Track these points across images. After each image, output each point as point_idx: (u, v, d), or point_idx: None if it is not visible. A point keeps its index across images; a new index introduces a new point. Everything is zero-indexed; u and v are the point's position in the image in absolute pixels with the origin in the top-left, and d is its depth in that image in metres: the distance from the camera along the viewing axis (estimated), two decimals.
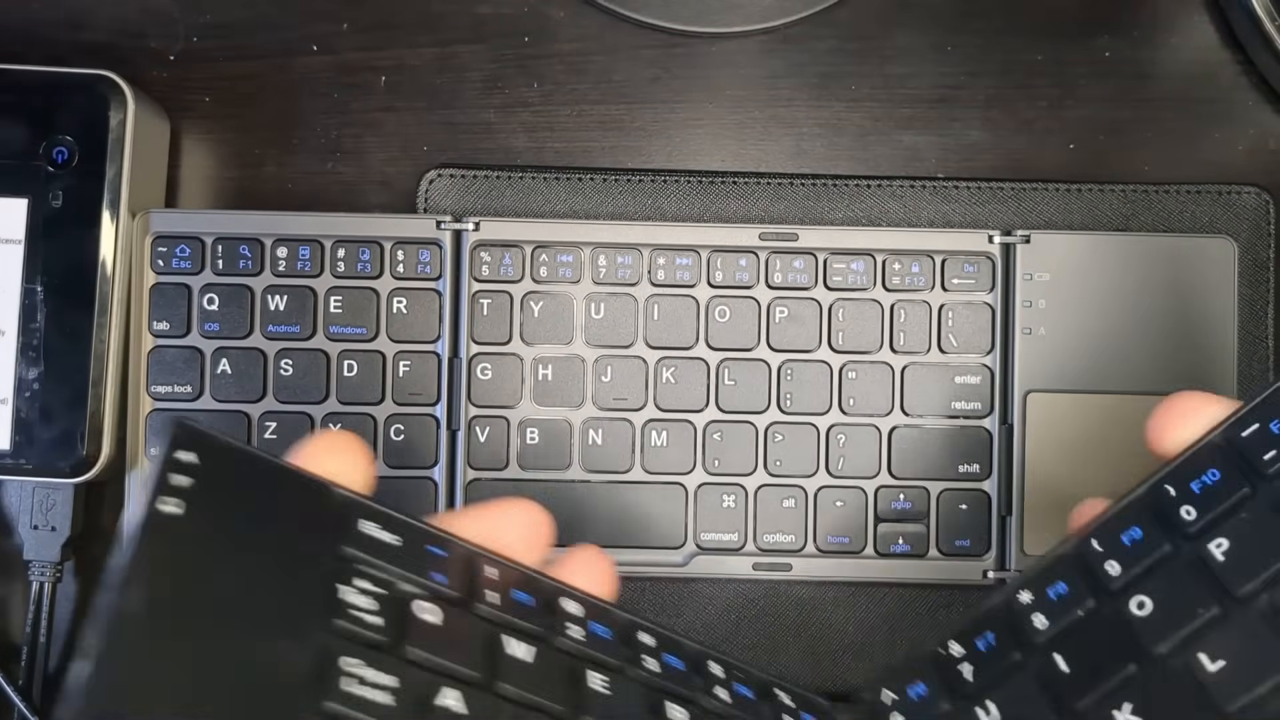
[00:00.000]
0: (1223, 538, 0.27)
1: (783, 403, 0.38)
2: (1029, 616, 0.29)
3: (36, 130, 0.37)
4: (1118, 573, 0.28)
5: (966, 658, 0.29)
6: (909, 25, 0.41)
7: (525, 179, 0.40)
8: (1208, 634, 0.27)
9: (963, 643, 0.29)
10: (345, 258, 0.38)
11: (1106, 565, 0.29)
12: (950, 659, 0.29)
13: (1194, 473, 0.29)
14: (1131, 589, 0.28)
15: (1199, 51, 0.41)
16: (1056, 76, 0.41)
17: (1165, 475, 0.29)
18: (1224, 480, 0.28)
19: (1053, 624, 0.28)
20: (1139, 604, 0.28)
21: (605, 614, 0.28)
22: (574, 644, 0.27)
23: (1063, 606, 0.29)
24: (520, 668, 0.26)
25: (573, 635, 0.27)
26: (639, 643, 0.28)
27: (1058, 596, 0.29)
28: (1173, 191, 0.40)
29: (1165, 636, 0.27)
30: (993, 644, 0.29)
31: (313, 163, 0.41)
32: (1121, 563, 0.28)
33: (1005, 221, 0.40)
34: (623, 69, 0.41)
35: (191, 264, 0.37)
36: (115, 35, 0.41)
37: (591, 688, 0.26)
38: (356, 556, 0.24)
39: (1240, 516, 0.28)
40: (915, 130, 0.41)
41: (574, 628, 0.27)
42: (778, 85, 0.41)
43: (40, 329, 0.36)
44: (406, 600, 0.24)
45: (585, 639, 0.27)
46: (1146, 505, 0.29)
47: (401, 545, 0.25)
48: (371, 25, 0.41)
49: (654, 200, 0.40)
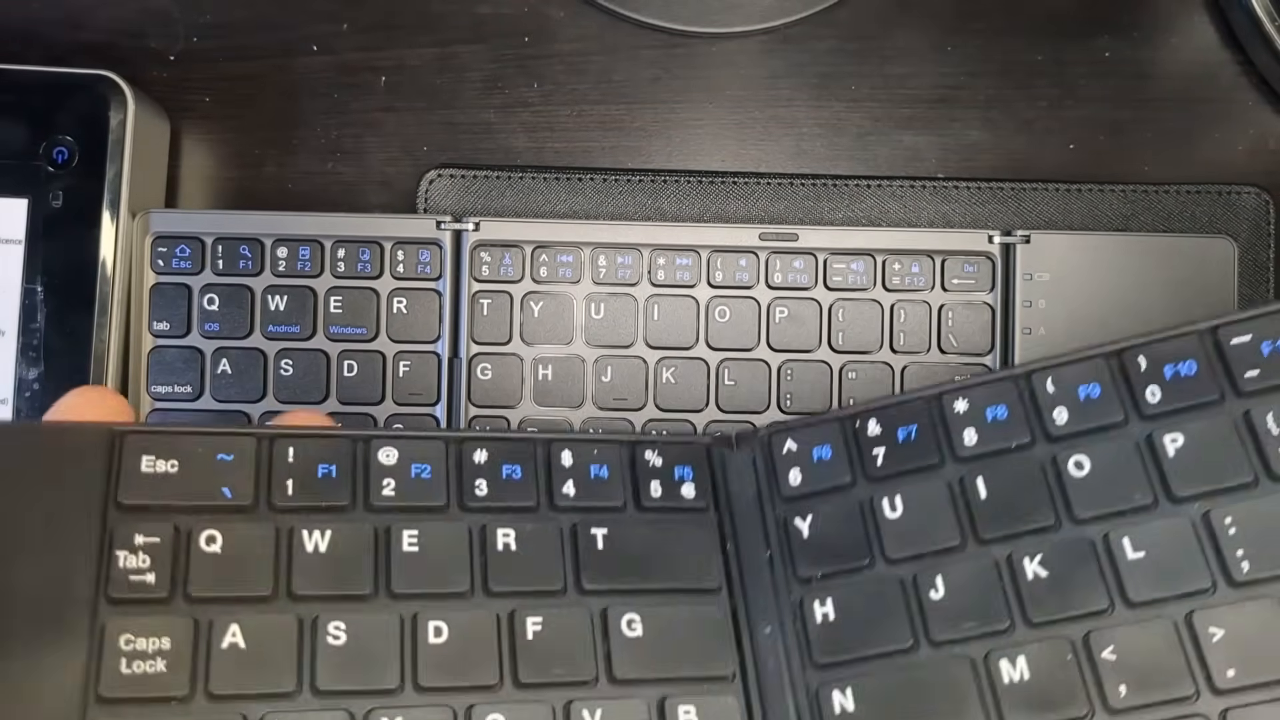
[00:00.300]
0: (1180, 434, 0.27)
1: (783, 403, 0.38)
2: (960, 428, 0.28)
3: (37, 130, 0.37)
4: (1064, 422, 0.28)
5: (881, 441, 0.28)
6: (909, 25, 0.41)
7: (525, 179, 0.40)
8: (1138, 522, 0.26)
9: (882, 424, 0.29)
10: (345, 258, 0.38)
11: (1055, 410, 0.28)
12: (865, 436, 0.29)
13: (1172, 356, 0.28)
14: (1073, 445, 0.27)
15: (1199, 51, 0.41)
16: (1056, 77, 0.41)
17: (1142, 345, 0.28)
18: (1198, 378, 0.27)
19: (981, 444, 0.28)
20: (1077, 463, 0.27)
21: (422, 446, 0.27)
22: (387, 501, 0.27)
23: (997, 431, 0.28)
24: (316, 562, 0.26)
25: (386, 493, 0.27)
26: (472, 465, 0.27)
27: (994, 420, 0.28)
28: (1173, 191, 0.40)
29: (1095, 507, 0.27)
30: (913, 439, 0.28)
31: (313, 163, 0.41)
32: (1071, 414, 0.28)
33: (1005, 221, 0.40)
34: (623, 69, 0.41)
35: (191, 264, 0.37)
36: (115, 35, 0.41)
37: (404, 550, 0.26)
38: (129, 506, 0.24)
39: (1203, 420, 0.27)
40: (915, 130, 0.41)
41: (388, 481, 0.27)
42: (778, 85, 0.41)
43: (40, 329, 0.36)
44: (189, 535, 0.25)
45: (398, 490, 0.27)
46: (1112, 367, 0.28)
47: (178, 470, 0.25)
48: (371, 25, 0.41)
49: (654, 200, 0.40)
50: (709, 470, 0.29)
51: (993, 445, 0.28)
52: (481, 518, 0.27)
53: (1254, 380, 0.27)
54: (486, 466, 0.27)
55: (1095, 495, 0.27)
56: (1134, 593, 0.26)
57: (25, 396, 0.36)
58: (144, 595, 0.24)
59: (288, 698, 0.24)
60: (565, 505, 0.28)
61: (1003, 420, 0.28)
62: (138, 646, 0.24)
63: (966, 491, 0.28)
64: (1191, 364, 0.27)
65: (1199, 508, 0.26)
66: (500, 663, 0.26)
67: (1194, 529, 0.26)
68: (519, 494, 0.27)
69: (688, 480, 0.28)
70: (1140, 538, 0.26)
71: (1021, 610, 0.26)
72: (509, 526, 0.27)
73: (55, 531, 0.24)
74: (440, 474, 0.27)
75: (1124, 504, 0.27)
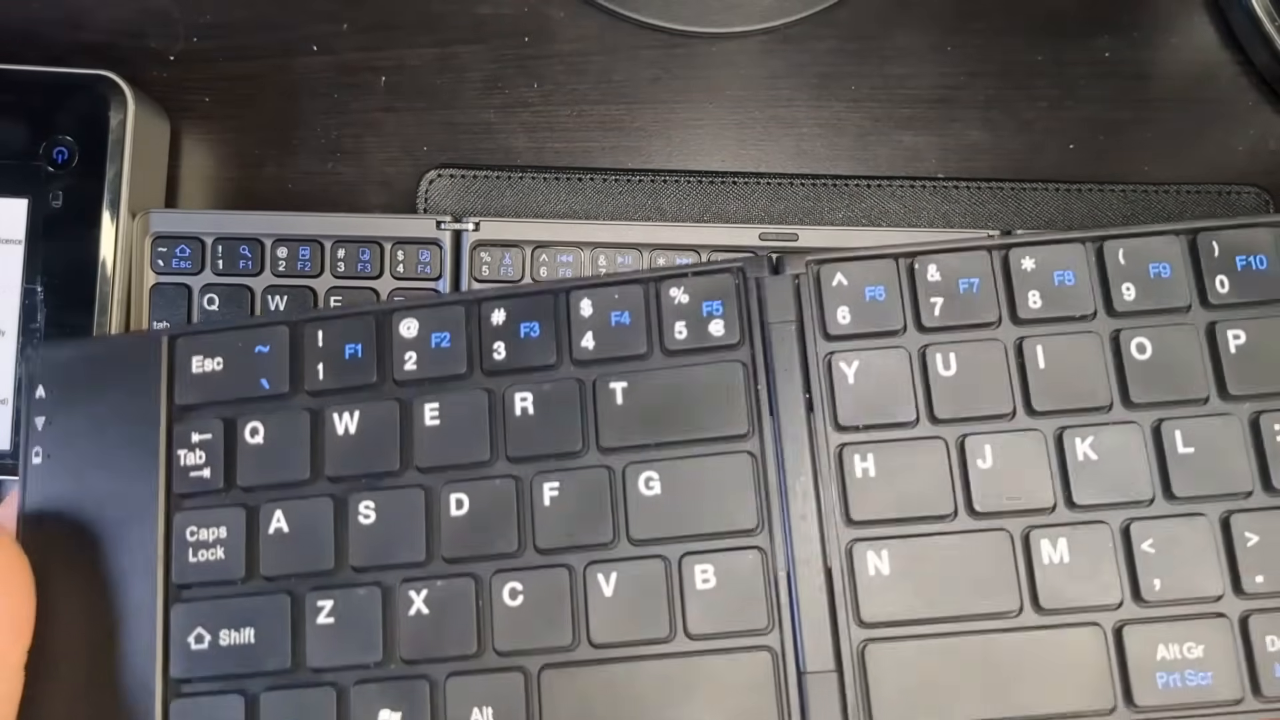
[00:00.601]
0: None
1: None
2: (1026, 289, 0.27)
3: (37, 130, 0.37)
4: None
5: (940, 290, 0.27)
6: (909, 25, 0.41)
7: (525, 179, 0.40)
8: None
9: (943, 272, 0.27)
10: (345, 258, 0.38)
11: (1124, 286, 0.27)
12: (924, 281, 0.27)
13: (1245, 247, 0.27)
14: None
15: (1199, 51, 0.41)
16: (1056, 77, 0.41)
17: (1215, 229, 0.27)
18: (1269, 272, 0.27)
19: (1046, 309, 0.27)
20: (1140, 346, 0.27)
21: (440, 313, 0.28)
22: (409, 375, 0.28)
23: (1067, 296, 0.27)
24: (346, 444, 0.27)
25: (408, 367, 0.28)
26: (490, 328, 0.28)
27: (1061, 284, 0.27)
28: (1172, 191, 0.40)
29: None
30: (975, 293, 0.27)
31: (313, 163, 0.41)
32: (1140, 291, 0.27)
33: (1005, 221, 0.40)
34: (623, 69, 0.41)
35: (191, 264, 0.37)
36: (115, 35, 0.41)
37: (426, 424, 0.27)
38: (185, 406, 0.27)
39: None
40: (915, 130, 0.41)
41: (409, 355, 0.28)
42: (778, 85, 0.41)
43: (40, 329, 0.36)
44: (234, 428, 0.27)
45: (420, 363, 0.28)
46: (1185, 244, 0.27)
47: (223, 368, 0.28)
48: (371, 25, 0.41)
49: (654, 200, 0.40)
50: (741, 302, 0.27)
51: (1060, 312, 0.27)
52: (503, 380, 0.27)
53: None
54: (504, 327, 0.27)
55: (1152, 384, 0.26)
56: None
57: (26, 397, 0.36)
58: (203, 489, 0.27)
59: (328, 574, 0.26)
60: (585, 359, 0.27)
61: (1070, 285, 0.27)
62: (200, 537, 0.26)
63: (1024, 357, 0.27)
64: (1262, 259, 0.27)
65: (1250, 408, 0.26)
66: (519, 530, 0.26)
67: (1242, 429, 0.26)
68: (537, 353, 0.27)
69: (716, 316, 0.27)
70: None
71: (1066, 490, 0.26)
72: (526, 390, 0.27)
73: (127, 435, 0.27)
74: (460, 341, 0.27)
75: (1179, 395, 0.26)
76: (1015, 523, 0.26)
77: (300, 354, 0.28)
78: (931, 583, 0.26)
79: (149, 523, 0.26)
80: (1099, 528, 0.26)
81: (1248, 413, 0.26)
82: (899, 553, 0.26)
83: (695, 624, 0.25)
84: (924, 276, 0.27)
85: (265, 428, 0.27)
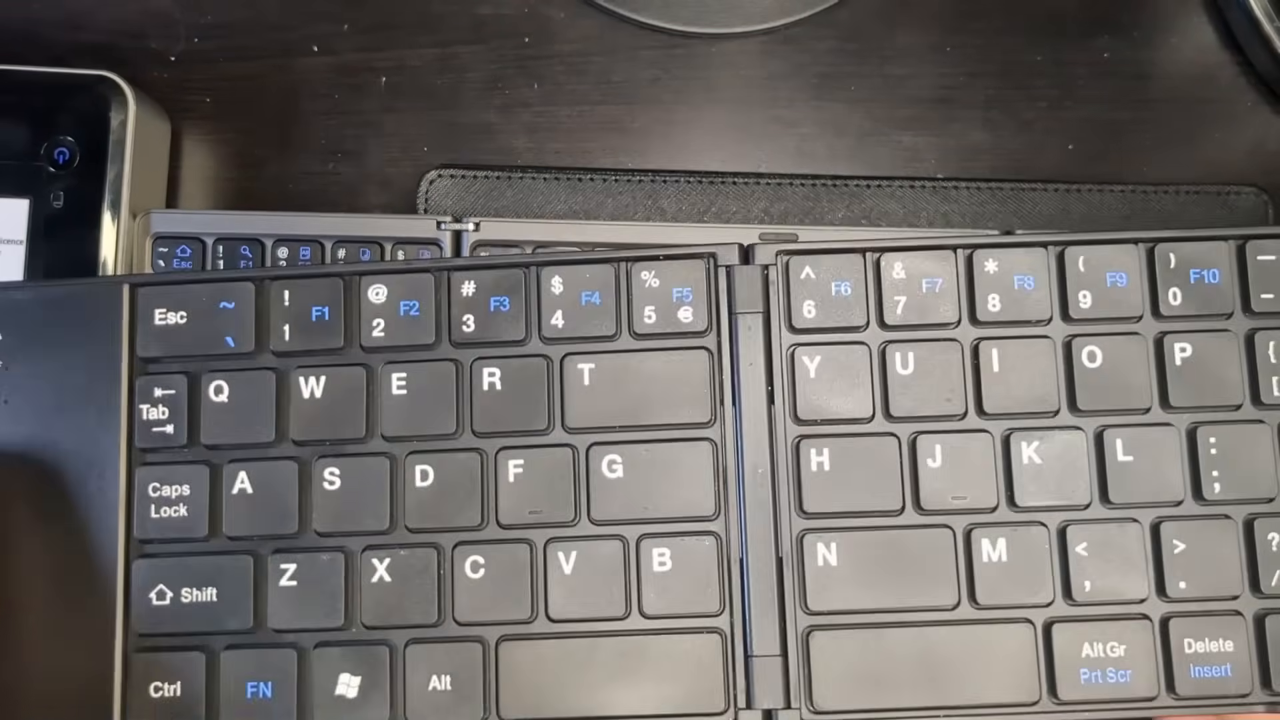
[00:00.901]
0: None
1: None
2: (987, 292, 0.27)
3: (37, 131, 0.37)
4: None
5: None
6: (909, 26, 0.41)
7: (525, 179, 0.40)
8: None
9: (907, 270, 0.28)
10: (346, 258, 0.38)
11: (1081, 294, 0.27)
12: (888, 278, 0.28)
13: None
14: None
15: (1198, 52, 0.41)
16: (1056, 77, 0.41)
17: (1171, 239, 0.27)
18: None
19: (388, 338, 0.28)
20: (1091, 353, 0.27)
21: (410, 281, 0.28)
22: (376, 342, 0.28)
23: (1022, 298, 0.27)
24: (311, 408, 0.27)
25: (376, 334, 0.28)
26: (461, 299, 0.27)
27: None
28: (1172, 192, 0.40)
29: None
30: (937, 291, 0.28)
31: (313, 163, 0.41)
32: (1095, 299, 0.27)
33: (1005, 221, 0.40)
34: (623, 70, 0.41)
35: (192, 264, 0.37)
36: (116, 36, 0.41)
37: (393, 393, 0.27)
38: (146, 359, 0.27)
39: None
40: (915, 131, 0.41)
41: (377, 321, 0.28)
42: (778, 85, 0.41)
43: None
44: (198, 384, 0.27)
45: (387, 330, 0.27)
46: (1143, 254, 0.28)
47: (186, 321, 0.27)
48: (372, 26, 0.41)
49: (654, 200, 0.40)
50: (711, 289, 0.28)
51: (1018, 316, 0.27)
52: (470, 352, 0.27)
53: None
54: (474, 299, 0.27)
55: (1099, 392, 0.27)
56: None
57: None
58: (165, 444, 0.27)
59: (291, 537, 0.27)
60: (554, 336, 0.27)
61: (1029, 290, 0.27)
62: (163, 493, 0.26)
63: (980, 360, 0.27)
64: None
65: None
66: (483, 504, 0.27)
67: None
68: (506, 327, 0.27)
69: (686, 302, 0.27)
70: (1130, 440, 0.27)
71: (1009, 491, 0.27)
72: (494, 365, 0.27)
73: (87, 384, 0.27)
74: (429, 310, 0.27)
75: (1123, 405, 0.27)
76: (959, 520, 0.27)
77: (266, 312, 0.28)
78: (876, 575, 0.26)
79: (110, 475, 0.26)
80: (1037, 529, 0.27)
81: (1186, 424, 0.27)
82: (847, 545, 0.27)
83: (650, 604, 0.26)
84: (889, 274, 0.28)
85: (230, 386, 0.27)
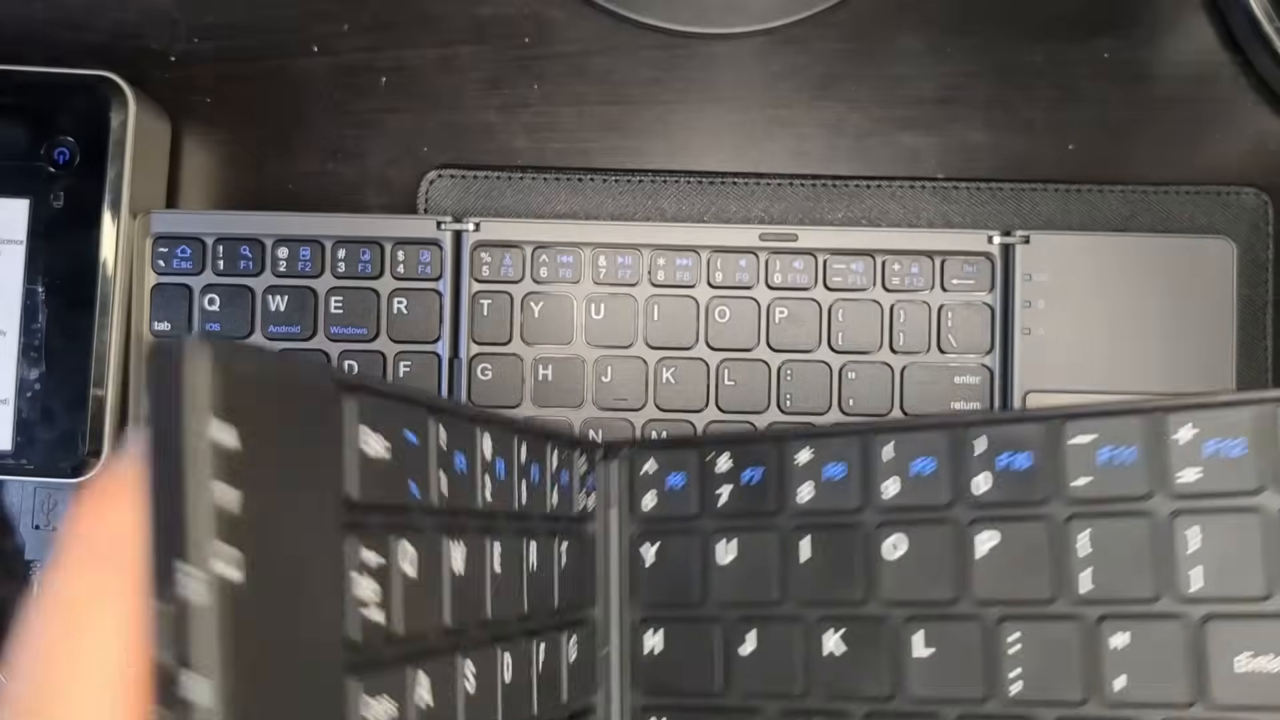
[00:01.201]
0: (995, 531, 0.26)
1: (783, 403, 0.38)
2: (798, 480, 0.28)
3: (38, 131, 0.37)
4: (890, 496, 0.27)
5: (728, 480, 0.29)
6: (909, 26, 0.41)
7: (525, 179, 0.40)
8: (933, 618, 0.27)
9: (735, 460, 0.29)
10: (346, 258, 0.38)
11: (886, 482, 0.28)
12: (714, 472, 0.29)
13: (1010, 444, 0.26)
14: (893, 522, 0.27)
15: (1199, 52, 0.41)
16: (1056, 77, 0.41)
17: (983, 419, 0.27)
18: (1032, 472, 0.26)
19: (814, 504, 0.28)
20: (894, 544, 0.27)
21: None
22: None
23: (830, 493, 0.28)
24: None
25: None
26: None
27: (829, 480, 0.28)
28: (1172, 192, 0.40)
29: (898, 593, 0.27)
30: (757, 484, 0.29)
31: (313, 163, 0.41)
32: (901, 487, 0.27)
33: (1005, 222, 0.40)
34: (623, 69, 0.41)
35: (192, 264, 0.37)
36: (116, 36, 0.41)
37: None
38: (359, 504, 0.19)
39: (1018, 522, 0.26)
40: (915, 131, 0.41)
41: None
42: (778, 85, 0.41)
43: (41, 329, 0.36)
44: (392, 549, 0.19)
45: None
46: (954, 442, 0.27)
47: (391, 456, 0.20)
48: (372, 26, 0.41)
49: (654, 200, 0.40)
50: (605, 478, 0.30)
51: (823, 507, 0.28)
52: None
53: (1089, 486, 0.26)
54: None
55: (901, 580, 0.27)
56: (917, 686, 0.26)
57: (26, 397, 0.36)
58: (377, 635, 0.19)
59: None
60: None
61: (839, 480, 0.28)
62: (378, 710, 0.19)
63: (789, 550, 0.28)
64: (1026, 457, 0.27)
65: (996, 616, 0.27)
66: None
67: (981, 637, 0.27)
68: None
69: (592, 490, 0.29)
70: (933, 637, 0.27)
71: (823, 686, 0.27)
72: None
73: (308, 499, 0.18)
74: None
75: (925, 597, 0.27)
76: (773, 705, 0.28)
77: (475, 460, 0.22)
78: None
79: None
80: None
81: (995, 617, 0.26)
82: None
83: None
84: (712, 470, 0.29)
85: (416, 551, 0.20)
